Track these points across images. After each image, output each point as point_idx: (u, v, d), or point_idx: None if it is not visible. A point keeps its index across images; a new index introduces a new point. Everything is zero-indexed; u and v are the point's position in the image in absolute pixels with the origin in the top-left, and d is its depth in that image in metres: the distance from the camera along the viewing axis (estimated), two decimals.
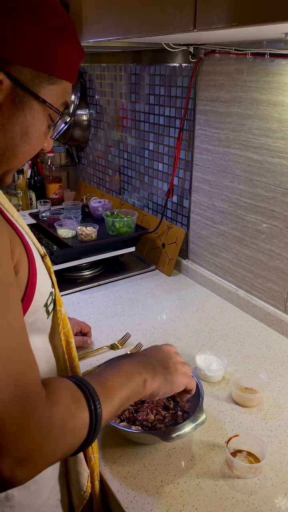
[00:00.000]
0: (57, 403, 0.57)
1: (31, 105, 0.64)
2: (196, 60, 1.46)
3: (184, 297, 1.59)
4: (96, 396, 0.62)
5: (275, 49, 1.19)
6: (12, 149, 0.65)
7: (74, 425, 0.58)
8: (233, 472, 0.88)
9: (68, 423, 0.57)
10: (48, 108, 0.66)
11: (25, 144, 0.66)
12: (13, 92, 0.62)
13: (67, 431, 0.57)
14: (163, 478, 0.88)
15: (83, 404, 0.60)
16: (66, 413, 0.57)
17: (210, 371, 1.13)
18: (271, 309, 1.39)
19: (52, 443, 0.55)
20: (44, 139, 0.70)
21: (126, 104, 1.95)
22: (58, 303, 0.74)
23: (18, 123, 0.64)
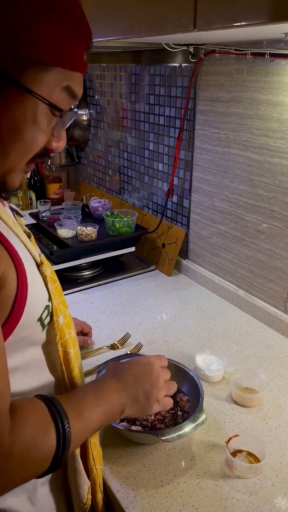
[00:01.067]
0: (21, 434, 0.55)
1: (15, 97, 0.56)
2: (196, 60, 1.46)
3: (184, 297, 1.59)
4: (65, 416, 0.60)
5: (275, 49, 1.19)
6: (1, 147, 0.58)
7: (36, 456, 0.57)
8: (233, 472, 0.88)
9: (30, 454, 0.56)
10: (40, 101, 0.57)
11: (15, 141, 0.58)
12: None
13: (28, 463, 0.56)
14: (163, 478, 0.88)
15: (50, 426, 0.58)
16: (28, 444, 0.55)
17: (210, 371, 1.13)
18: (271, 309, 1.39)
19: (9, 474, 0.54)
20: (42, 133, 0.60)
21: (126, 104, 1.95)
22: (55, 313, 0.70)
23: (4, 118, 0.56)
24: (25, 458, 0.55)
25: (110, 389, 0.72)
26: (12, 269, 0.60)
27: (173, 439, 0.88)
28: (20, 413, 0.57)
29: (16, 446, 0.54)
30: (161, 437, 0.87)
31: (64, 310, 0.74)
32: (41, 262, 0.69)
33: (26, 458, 0.55)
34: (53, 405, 0.60)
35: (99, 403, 0.68)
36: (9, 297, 0.60)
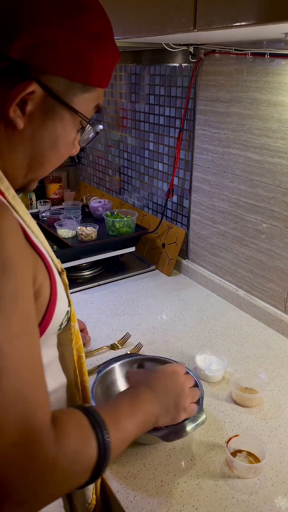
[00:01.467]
0: (64, 446, 0.54)
1: (62, 115, 0.61)
2: (196, 60, 1.46)
3: (184, 297, 1.59)
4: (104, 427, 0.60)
5: (275, 49, 1.19)
6: (39, 159, 0.64)
7: (78, 468, 0.56)
8: (233, 472, 0.88)
9: (72, 466, 0.55)
10: (80, 117, 0.63)
11: (53, 154, 0.64)
12: (45, 101, 0.59)
13: (71, 474, 0.55)
14: (163, 478, 0.88)
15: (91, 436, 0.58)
16: (72, 456, 0.55)
17: (210, 371, 1.13)
18: (271, 309, 1.39)
19: (53, 487, 0.53)
20: (73, 146, 0.68)
21: (126, 104, 1.95)
22: (72, 319, 0.72)
23: (48, 133, 0.62)
24: (68, 470, 0.54)
25: (145, 400, 0.73)
26: (47, 279, 0.62)
27: (173, 439, 0.88)
28: (62, 423, 0.55)
29: (60, 458, 0.52)
30: (161, 437, 0.87)
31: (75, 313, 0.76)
32: (62, 269, 0.71)
33: (69, 470, 0.54)
34: (92, 415, 0.60)
35: (135, 413, 0.69)
36: (42, 306, 0.61)
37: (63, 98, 0.60)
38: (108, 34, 0.62)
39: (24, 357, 0.51)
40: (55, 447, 0.52)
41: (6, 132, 0.60)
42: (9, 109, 0.58)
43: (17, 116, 0.59)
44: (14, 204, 0.60)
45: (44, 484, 0.51)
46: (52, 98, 0.59)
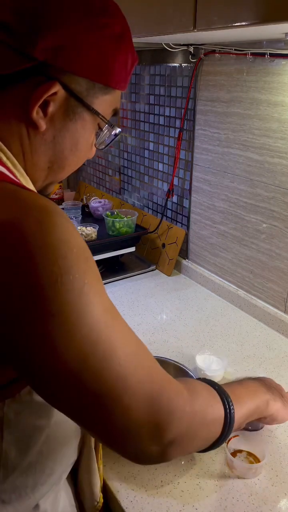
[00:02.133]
0: (197, 397, 0.62)
1: (83, 116, 0.62)
2: (196, 60, 1.46)
3: (184, 297, 1.59)
4: (229, 396, 0.67)
5: (275, 49, 1.19)
6: (60, 161, 0.64)
7: (213, 417, 0.63)
8: (233, 472, 0.88)
9: (208, 415, 0.62)
10: (100, 119, 0.64)
11: (73, 157, 0.65)
12: (67, 103, 0.60)
13: (207, 422, 0.63)
14: (163, 478, 0.88)
15: (218, 400, 0.65)
16: (206, 406, 0.63)
17: (210, 371, 1.13)
18: (271, 309, 1.39)
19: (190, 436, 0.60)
20: (91, 148, 0.68)
21: (126, 104, 1.95)
22: None
23: (69, 135, 0.62)
24: (202, 423, 0.62)
25: (255, 386, 0.80)
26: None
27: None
28: (193, 387, 0.64)
29: (195, 412, 0.60)
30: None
31: None
32: None
33: (203, 424, 0.62)
34: (217, 386, 0.68)
35: (250, 395, 0.75)
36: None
37: (85, 99, 0.60)
38: (128, 37, 0.64)
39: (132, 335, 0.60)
40: (190, 402, 0.59)
41: (28, 133, 0.60)
42: (32, 110, 0.58)
43: (39, 117, 0.59)
44: None
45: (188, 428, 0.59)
46: (73, 99, 0.60)
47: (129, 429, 0.54)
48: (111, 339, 0.53)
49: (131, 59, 0.65)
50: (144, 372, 0.55)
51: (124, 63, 0.63)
